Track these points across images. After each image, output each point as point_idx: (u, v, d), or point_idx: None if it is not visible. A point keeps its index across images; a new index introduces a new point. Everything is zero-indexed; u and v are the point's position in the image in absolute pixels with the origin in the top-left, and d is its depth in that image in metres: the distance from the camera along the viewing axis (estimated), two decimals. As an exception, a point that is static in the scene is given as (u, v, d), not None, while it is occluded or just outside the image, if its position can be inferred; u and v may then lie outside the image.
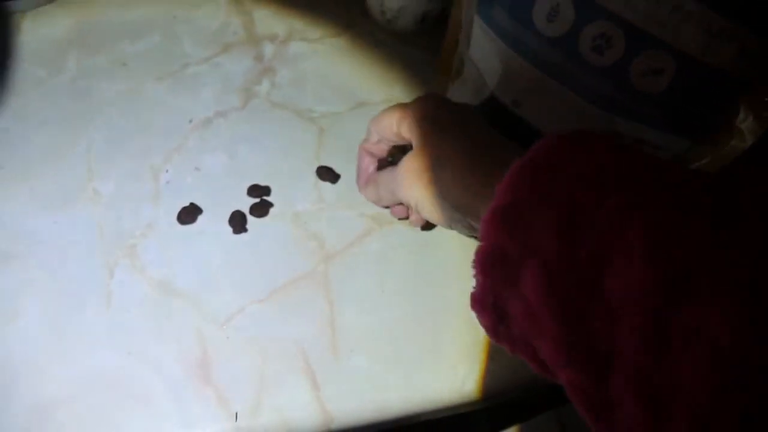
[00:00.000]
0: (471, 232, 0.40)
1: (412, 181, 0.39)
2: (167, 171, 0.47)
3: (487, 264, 0.31)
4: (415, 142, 0.39)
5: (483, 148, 0.37)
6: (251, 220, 0.45)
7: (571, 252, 0.28)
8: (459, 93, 0.46)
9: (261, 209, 0.45)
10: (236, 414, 0.39)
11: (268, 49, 0.54)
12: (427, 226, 0.46)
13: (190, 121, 0.49)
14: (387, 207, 0.46)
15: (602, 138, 0.33)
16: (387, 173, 0.42)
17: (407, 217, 0.46)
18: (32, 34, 0.52)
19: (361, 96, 0.53)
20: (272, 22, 0.56)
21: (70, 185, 0.45)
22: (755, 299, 0.25)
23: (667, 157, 0.35)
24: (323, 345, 0.42)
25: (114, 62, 0.52)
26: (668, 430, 0.25)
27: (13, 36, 0.52)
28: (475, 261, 0.32)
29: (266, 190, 0.47)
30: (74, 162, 0.46)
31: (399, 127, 0.41)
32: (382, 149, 0.45)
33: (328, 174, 0.48)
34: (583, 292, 0.28)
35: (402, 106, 0.41)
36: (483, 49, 0.44)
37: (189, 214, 0.44)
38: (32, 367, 0.39)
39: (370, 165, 0.45)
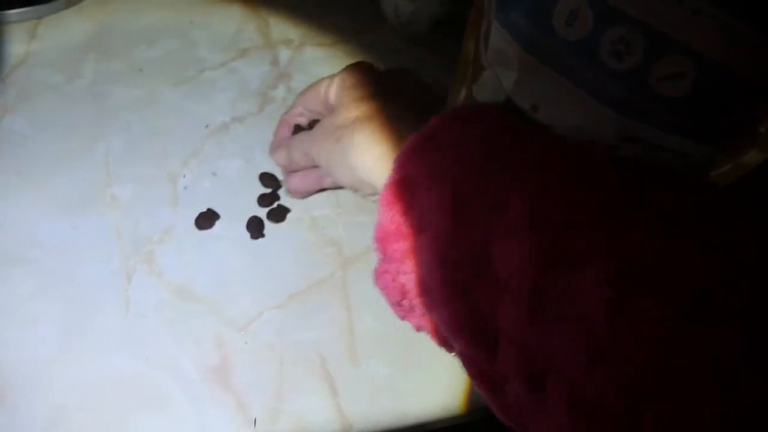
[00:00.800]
0: (373, 198, 0.39)
1: (325, 139, 0.39)
2: (184, 176, 0.47)
3: (385, 239, 0.32)
4: (336, 104, 0.40)
5: (396, 118, 0.38)
6: (268, 225, 0.45)
7: (460, 226, 0.29)
8: (477, 97, 0.46)
9: (278, 215, 0.45)
10: (255, 420, 0.38)
11: (284, 53, 0.54)
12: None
13: (207, 126, 0.49)
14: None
15: (490, 109, 0.34)
16: (302, 134, 0.43)
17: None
18: (48, 40, 0.52)
19: (376, 101, 0.53)
20: (287, 26, 0.56)
21: (88, 190, 0.45)
22: (627, 269, 0.25)
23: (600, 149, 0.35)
24: (342, 351, 0.41)
25: (130, 68, 0.52)
26: (548, 405, 0.25)
27: (22, 43, 0.52)
28: (373, 236, 0.32)
29: (277, 182, 0.47)
30: (92, 167, 0.46)
31: (326, 93, 0.42)
32: (303, 121, 0.45)
33: (345, 179, 0.48)
34: (470, 264, 0.28)
35: (331, 75, 0.43)
36: (501, 53, 0.43)
37: (207, 219, 0.44)
38: (50, 371, 0.39)
39: (287, 134, 0.46)
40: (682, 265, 0.25)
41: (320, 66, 0.54)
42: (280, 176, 0.47)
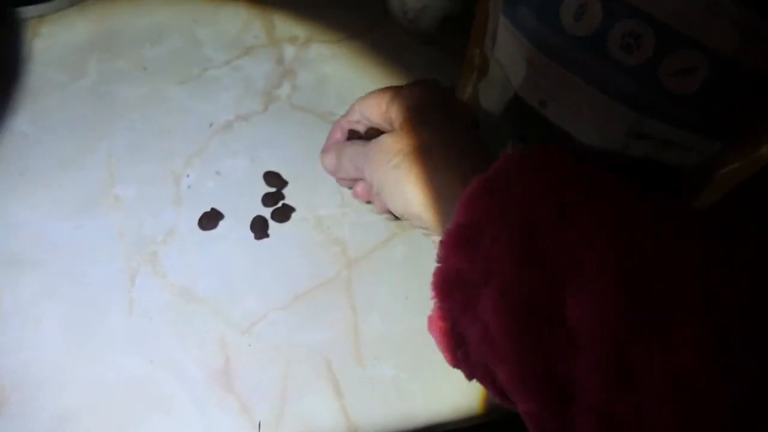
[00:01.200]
0: (424, 231, 0.38)
1: (381, 162, 0.37)
2: (188, 176, 0.46)
3: (445, 287, 0.30)
4: (398, 126, 0.38)
5: (459, 153, 0.36)
6: (273, 225, 0.45)
7: (531, 276, 0.27)
8: (485, 94, 0.45)
9: (282, 214, 0.45)
10: (259, 423, 0.38)
11: (289, 51, 0.54)
12: (393, 215, 0.43)
13: (211, 125, 0.49)
14: (348, 187, 0.44)
15: (561, 155, 0.32)
16: (356, 145, 0.40)
17: (369, 201, 0.43)
18: (52, 38, 0.52)
19: (382, 98, 0.52)
20: (292, 24, 0.55)
21: (91, 191, 0.45)
22: (722, 330, 0.23)
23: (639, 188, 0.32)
24: (347, 352, 0.41)
25: (134, 66, 0.51)
26: None
27: (25, 41, 0.52)
28: (432, 284, 0.31)
29: (282, 181, 0.46)
30: (95, 167, 0.46)
31: (388, 107, 0.39)
32: (360, 129, 0.43)
33: (350, 178, 0.47)
34: (542, 318, 0.27)
35: (394, 87, 0.40)
36: (508, 49, 0.43)
37: (210, 219, 0.44)
38: (54, 373, 0.38)
39: (340, 138, 0.43)
40: None
41: (326, 64, 0.53)
42: (284, 175, 0.47)
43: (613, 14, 0.35)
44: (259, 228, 0.44)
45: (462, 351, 0.30)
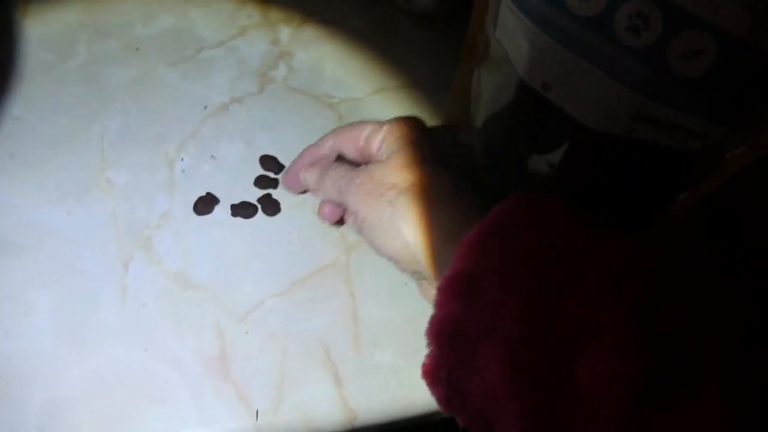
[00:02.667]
0: (413, 275, 0.38)
1: (373, 195, 0.35)
2: (182, 159, 0.45)
3: (442, 336, 0.30)
4: (381, 159, 0.37)
5: (456, 191, 0.35)
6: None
7: (539, 334, 0.26)
8: (486, 77, 0.44)
9: (273, 207, 0.44)
10: (257, 411, 0.37)
11: (285, 32, 0.52)
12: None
13: (205, 108, 0.48)
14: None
15: (560, 203, 0.31)
16: (341, 168, 0.38)
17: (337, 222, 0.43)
18: (40, 17, 0.51)
19: (380, 81, 0.51)
20: (288, 4, 0.54)
21: (82, 175, 0.44)
22: (742, 395, 0.23)
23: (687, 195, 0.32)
24: (346, 339, 0.40)
25: (126, 46, 0.50)
26: None
27: (14, 20, 0.50)
28: (427, 331, 0.30)
29: (279, 165, 0.46)
30: (87, 150, 0.45)
31: (368, 141, 0.38)
32: (329, 160, 0.41)
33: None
34: (552, 378, 0.26)
35: (373, 123, 0.39)
36: (510, 31, 0.42)
37: (206, 204, 0.43)
38: (45, 363, 0.37)
39: (307, 165, 0.42)
40: None
41: (323, 45, 0.52)
42: (281, 160, 0.46)
43: (620, -6, 0.35)
44: (248, 212, 0.43)
45: (458, 400, 0.30)
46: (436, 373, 0.31)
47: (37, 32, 0.50)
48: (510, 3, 0.41)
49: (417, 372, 0.39)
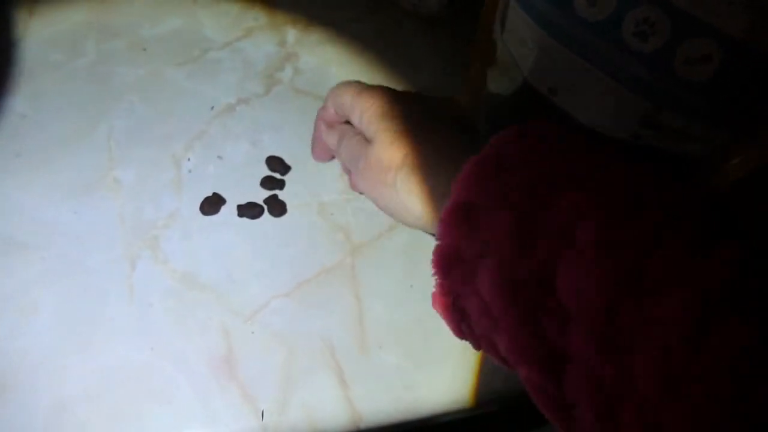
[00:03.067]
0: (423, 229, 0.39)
1: (375, 181, 0.37)
2: (189, 159, 0.45)
3: (444, 264, 0.31)
4: (370, 135, 0.38)
5: (455, 153, 0.35)
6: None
7: (525, 250, 0.28)
8: (493, 80, 0.45)
9: (279, 208, 0.44)
10: (262, 412, 0.37)
11: (291, 34, 0.53)
12: None
13: (212, 108, 0.48)
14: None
15: (555, 129, 0.33)
16: (354, 143, 0.40)
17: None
18: (48, 16, 0.51)
19: (386, 84, 0.51)
20: (295, 5, 0.54)
21: (89, 174, 0.44)
22: (705, 294, 0.24)
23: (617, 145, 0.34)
24: (351, 341, 0.40)
25: (133, 46, 0.50)
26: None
27: (22, 19, 0.50)
28: (432, 261, 0.32)
29: (285, 166, 0.46)
30: (94, 149, 0.45)
31: (350, 112, 0.39)
32: (340, 124, 0.43)
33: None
34: (535, 290, 0.28)
35: (354, 88, 0.40)
36: (518, 34, 0.42)
37: (212, 204, 0.43)
38: (52, 362, 0.38)
39: (326, 131, 0.43)
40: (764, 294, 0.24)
41: (329, 47, 0.52)
42: (287, 161, 0.46)
43: (628, 0, 0.35)
44: (255, 213, 0.43)
45: (465, 324, 0.31)
46: (443, 301, 0.32)
47: (44, 31, 0.50)
48: (517, 6, 0.41)
49: (422, 373, 0.40)
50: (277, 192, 0.45)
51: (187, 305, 0.40)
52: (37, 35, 0.49)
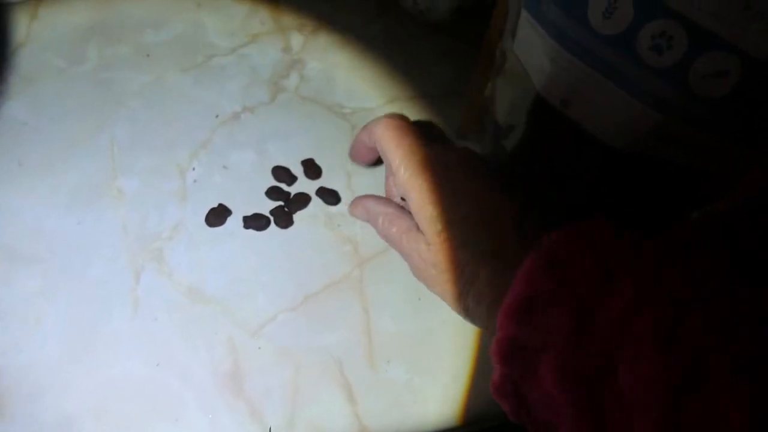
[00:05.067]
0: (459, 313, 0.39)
1: (423, 268, 0.38)
2: (194, 169, 0.45)
3: (505, 354, 0.32)
4: (434, 241, 0.38)
5: (501, 241, 0.37)
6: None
7: (583, 347, 0.29)
8: (502, 92, 0.44)
9: (285, 219, 0.43)
10: (270, 428, 0.37)
11: (297, 39, 0.52)
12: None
13: (217, 116, 0.47)
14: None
15: (610, 227, 0.34)
16: (416, 233, 0.40)
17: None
18: (50, 21, 0.50)
19: (393, 91, 0.50)
20: (300, 11, 0.53)
21: (93, 183, 0.43)
22: (763, 391, 0.24)
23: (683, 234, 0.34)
24: (359, 355, 0.40)
25: (137, 52, 0.49)
26: None
27: (23, 24, 0.49)
28: (493, 350, 0.33)
29: (291, 176, 0.45)
30: (97, 158, 0.44)
31: (405, 197, 0.39)
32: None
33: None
34: (597, 386, 0.29)
35: (407, 164, 0.39)
36: (529, 45, 0.41)
37: (218, 216, 0.42)
38: (55, 377, 0.37)
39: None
40: None
41: (335, 53, 0.52)
42: (294, 171, 0.45)
43: (645, 13, 0.34)
44: (261, 224, 0.43)
45: (524, 411, 0.32)
46: (502, 389, 0.33)
47: (46, 37, 0.49)
48: (530, 17, 0.40)
49: (431, 388, 0.39)
50: (283, 203, 0.44)
51: (193, 319, 0.39)
52: (38, 41, 0.49)
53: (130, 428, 0.36)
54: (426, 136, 0.41)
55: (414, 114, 0.49)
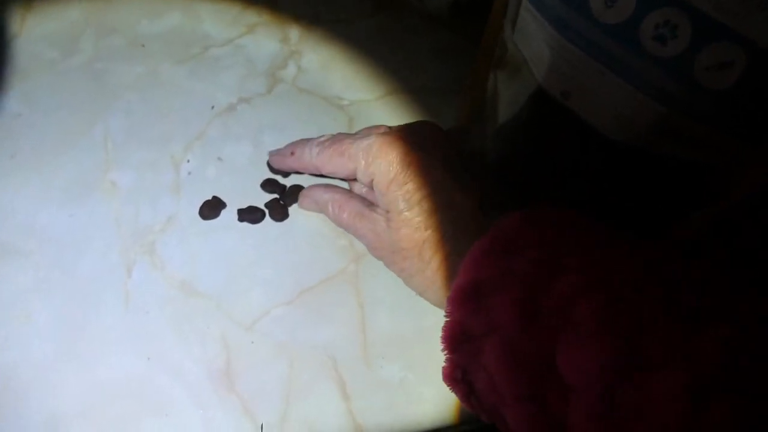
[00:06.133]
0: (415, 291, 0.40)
1: (400, 258, 0.38)
2: (188, 161, 0.44)
3: (453, 340, 0.33)
4: (394, 218, 0.38)
5: (463, 224, 0.37)
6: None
7: (528, 330, 0.30)
8: (503, 83, 0.43)
9: (280, 212, 0.43)
10: (262, 425, 0.36)
11: (294, 31, 0.51)
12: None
13: (212, 108, 0.46)
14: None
15: (558, 213, 0.35)
16: (359, 206, 0.40)
17: None
18: (44, 12, 0.49)
19: (391, 83, 0.50)
20: (298, 2, 0.53)
21: (85, 176, 0.43)
22: (703, 378, 0.25)
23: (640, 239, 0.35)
24: (354, 351, 0.39)
25: (131, 43, 0.49)
26: None
27: (17, 15, 0.49)
28: (442, 337, 0.34)
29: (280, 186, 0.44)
30: (90, 151, 0.44)
31: (369, 181, 0.39)
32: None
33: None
34: (539, 367, 0.29)
35: (369, 149, 0.38)
36: (530, 35, 0.40)
37: (212, 208, 0.42)
38: (46, 372, 0.36)
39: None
40: (759, 372, 0.25)
41: (333, 45, 0.51)
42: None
43: (649, 2, 0.33)
44: (256, 217, 0.42)
45: (474, 397, 0.33)
46: (452, 375, 0.33)
47: (40, 28, 0.48)
48: (530, 6, 0.39)
49: (426, 386, 0.39)
50: (278, 195, 0.43)
51: (186, 313, 0.39)
52: (32, 32, 0.48)
53: (121, 423, 0.35)
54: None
55: (411, 106, 0.49)
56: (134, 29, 0.49)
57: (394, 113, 0.48)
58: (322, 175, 0.43)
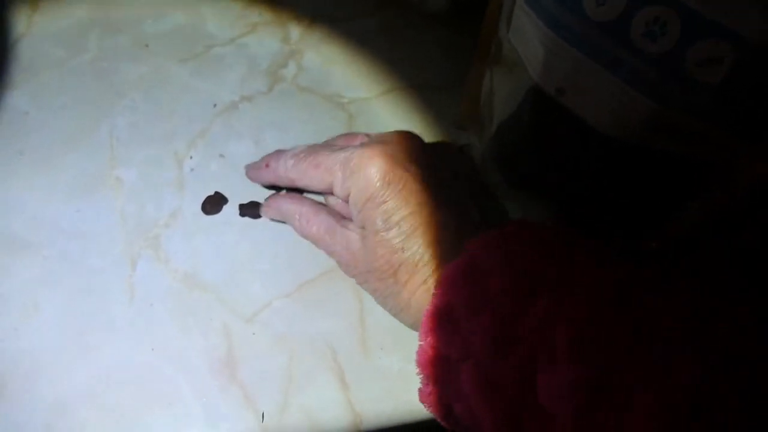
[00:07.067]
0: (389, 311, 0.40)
1: (385, 283, 0.37)
2: (191, 158, 0.45)
3: (428, 364, 0.33)
4: (370, 237, 0.37)
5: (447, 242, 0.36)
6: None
7: (503, 355, 0.30)
8: (499, 80, 0.44)
9: (252, 210, 0.43)
10: (263, 414, 0.37)
11: (295, 30, 0.52)
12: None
13: (215, 106, 0.47)
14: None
15: (534, 231, 0.34)
16: (333, 221, 0.40)
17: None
18: (50, 12, 0.50)
19: (391, 81, 0.51)
20: (299, 1, 0.54)
21: (91, 172, 0.44)
22: (674, 402, 0.25)
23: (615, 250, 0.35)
24: (353, 342, 0.40)
25: (136, 43, 0.50)
26: None
27: (24, 15, 0.50)
28: (417, 361, 0.33)
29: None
30: (96, 148, 0.45)
31: (345, 196, 0.38)
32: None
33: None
34: (515, 393, 0.29)
35: (348, 159, 0.37)
36: (524, 33, 0.41)
37: (214, 204, 0.43)
38: (52, 362, 0.37)
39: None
40: (729, 401, 0.25)
41: (333, 44, 0.52)
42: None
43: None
44: (251, 211, 0.43)
45: (452, 419, 0.33)
46: (429, 398, 0.34)
47: (46, 27, 0.49)
48: (524, 5, 0.40)
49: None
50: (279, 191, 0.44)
51: (188, 305, 0.40)
52: (39, 31, 0.49)
53: (125, 412, 0.36)
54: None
55: (410, 104, 0.49)
56: (139, 29, 0.50)
57: (394, 110, 0.49)
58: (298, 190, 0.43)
